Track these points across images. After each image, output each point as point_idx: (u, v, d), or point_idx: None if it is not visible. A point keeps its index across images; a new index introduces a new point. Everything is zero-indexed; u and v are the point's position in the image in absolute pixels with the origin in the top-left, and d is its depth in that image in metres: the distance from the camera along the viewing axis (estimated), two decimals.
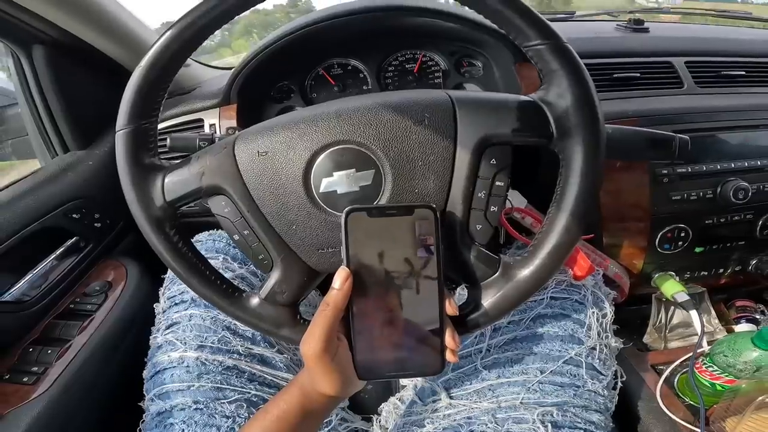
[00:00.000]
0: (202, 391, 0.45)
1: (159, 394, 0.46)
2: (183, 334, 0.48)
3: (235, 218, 0.36)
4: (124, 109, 0.34)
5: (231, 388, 0.45)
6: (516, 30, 0.32)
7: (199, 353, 0.46)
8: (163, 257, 0.36)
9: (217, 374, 0.46)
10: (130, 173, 0.35)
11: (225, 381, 0.46)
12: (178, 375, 0.46)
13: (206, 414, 0.44)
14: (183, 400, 0.44)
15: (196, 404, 0.44)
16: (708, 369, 0.53)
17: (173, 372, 0.46)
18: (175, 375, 0.46)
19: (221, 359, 0.47)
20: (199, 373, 0.45)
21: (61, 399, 0.49)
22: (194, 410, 0.44)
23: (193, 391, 0.45)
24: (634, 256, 0.64)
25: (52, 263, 0.62)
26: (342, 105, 0.36)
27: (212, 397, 0.45)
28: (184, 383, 0.45)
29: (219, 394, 0.45)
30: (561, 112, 0.33)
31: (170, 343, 0.48)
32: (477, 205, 0.35)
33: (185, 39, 0.32)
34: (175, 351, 0.47)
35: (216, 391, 0.45)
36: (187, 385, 0.45)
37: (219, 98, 0.66)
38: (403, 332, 0.33)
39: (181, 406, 0.44)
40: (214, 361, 0.46)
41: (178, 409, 0.44)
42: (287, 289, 0.37)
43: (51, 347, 0.53)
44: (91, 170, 0.70)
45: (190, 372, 0.45)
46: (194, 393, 0.45)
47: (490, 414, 0.44)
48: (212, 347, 0.47)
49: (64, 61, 0.67)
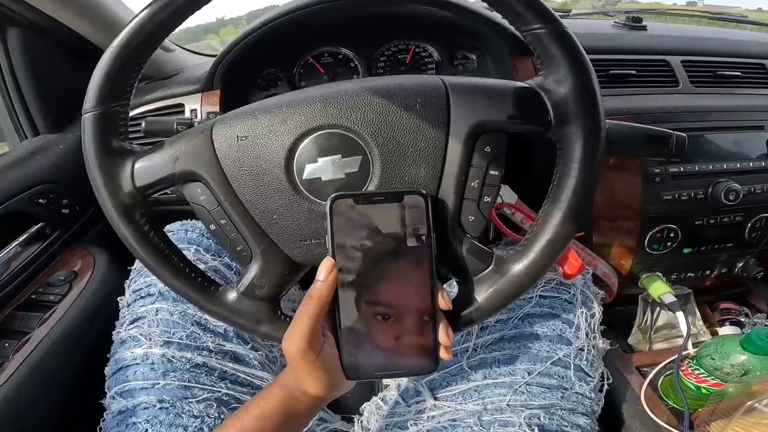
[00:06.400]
0: (168, 390, 0.42)
1: (121, 392, 0.43)
2: (148, 330, 0.45)
3: (211, 206, 0.34)
4: (92, 90, 0.32)
5: (200, 387, 0.43)
6: (514, 14, 0.31)
7: (165, 350, 0.44)
8: (131, 247, 0.34)
9: (184, 372, 0.43)
10: (96, 157, 0.32)
11: (193, 379, 0.43)
12: (141, 372, 0.43)
13: (172, 413, 0.41)
14: (147, 398, 0.42)
15: (161, 403, 0.41)
16: (694, 372, 0.53)
17: (137, 369, 0.43)
18: (138, 372, 0.43)
19: (189, 356, 0.44)
20: (164, 371, 0.43)
21: (17, 395, 0.46)
22: (159, 409, 0.41)
23: (158, 389, 0.42)
24: (623, 256, 0.64)
25: (14, 250, 0.59)
26: (328, 89, 0.34)
27: (179, 396, 0.42)
28: (149, 381, 0.42)
29: (186, 393, 0.42)
30: (560, 99, 0.32)
31: (134, 338, 0.45)
32: (470, 195, 0.33)
33: (160, 20, 0.31)
34: (139, 347, 0.44)
35: (183, 390, 0.43)
36: (152, 383, 0.42)
37: (201, 83, 0.64)
38: (393, 328, 0.31)
39: (144, 404, 0.42)
40: (182, 358, 0.44)
41: (141, 408, 0.42)
42: (267, 283, 0.35)
43: (8, 340, 0.50)
44: (61, 154, 0.67)
45: (155, 369, 0.43)
46: (159, 391, 0.42)
47: (476, 416, 0.43)
48: (180, 343, 0.45)
49: (38, 43, 0.65)
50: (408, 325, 0.31)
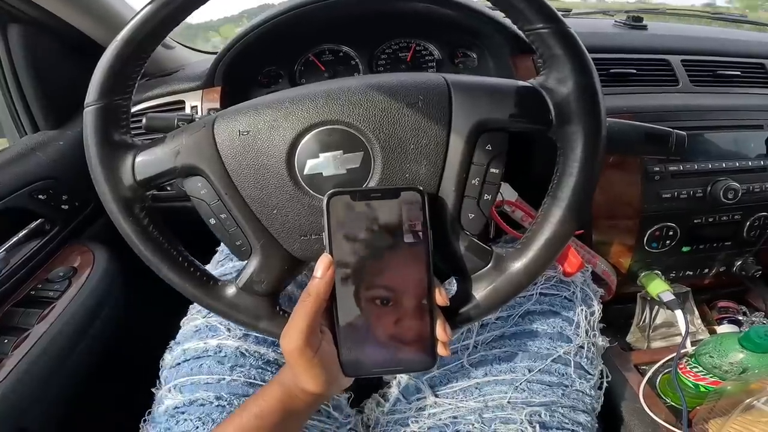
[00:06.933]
0: (231, 386, 0.41)
1: (181, 386, 0.41)
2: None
3: (211, 201, 0.34)
4: (94, 84, 0.32)
5: (264, 385, 0.42)
6: (517, 13, 0.31)
7: (241, 342, 0.42)
8: (131, 240, 0.34)
9: (253, 368, 0.42)
10: (97, 150, 0.32)
11: (259, 377, 0.42)
12: (208, 366, 0.42)
13: (226, 412, 0.39)
14: (205, 394, 0.40)
15: (219, 400, 0.40)
16: (692, 370, 0.53)
17: (203, 362, 0.42)
18: (204, 366, 0.42)
19: (263, 351, 0.43)
20: (233, 365, 0.42)
21: (16, 391, 0.46)
22: (215, 407, 0.40)
23: (222, 385, 0.41)
24: (622, 254, 0.64)
25: (13, 246, 0.58)
26: (331, 85, 0.34)
27: (240, 393, 0.41)
28: (214, 376, 0.41)
29: (249, 391, 0.41)
30: (561, 99, 0.32)
31: (212, 327, 0.43)
32: (470, 192, 0.33)
33: (163, 16, 0.31)
34: (214, 337, 0.43)
35: (246, 387, 0.41)
36: (217, 379, 0.41)
37: (202, 80, 0.64)
38: (390, 324, 0.31)
39: (201, 401, 0.40)
40: (255, 353, 0.42)
41: (197, 405, 0.40)
42: (266, 278, 0.35)
43: (7, 336, 0.50)
44: (61, 150, 0.67)
45: (224, 363, 0.42)
46: (221, 387, 0.41)
47: (477, 413, 0.43)
48: (257, 337, 0.43)
49: (39, 39, 0.65)
50: (405, 322, 0.31)
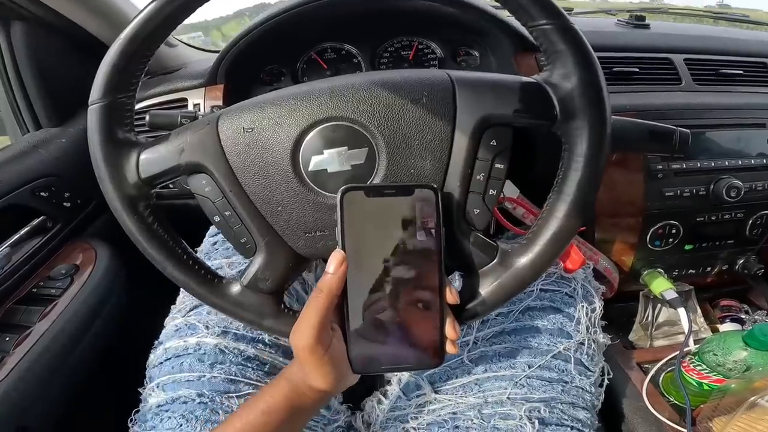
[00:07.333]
0: (212, 383, 0.41)
1: (164, 384, 0.42)
2: (207, 318, 0.44)
3: (216, 198, 0.34)
4: (99, 82, 0.32)
5: (245, 381, 0.42)
6: (521, 9, 0.31)
7: (220, 339, 0.43)
8: (135, 238, 0.34)
9: (233, 365, 0.42)
10: (101, 148, 0.33)
11: (240, 373, 0.42)
12: (189, 364, 0.42)
13: (209, 409, 0.40)
14: (188, 392, 0.41)
15: (201, 397, 0.40)
16: (696, 368, 0.53)
17: (184, 360, 0.42)
18: (185, 364, 0.42)
19: (242, 348, 0.43)
20: (213, 362, 0.42)
21: (18, 389, 0.45)
22: (197, 404, 0.40)
23: (202, 382, 0.41)
24: (624, 252, 0.64)
25: (15, 243, 0.58)
26: (335, 82, 0.34)
27: (221, 390, 0.41)
28: (195, 373, 0.41)
29: (230, 387, 0.41)
30: (566, 94, 0.32)
31: (191, 326, 0.44)
32: (475, 188, 0.33)
33: (167, 14, 0.31)
34: (193, 336, 0.43)
35: (227, 384, 0.41)
36: (198, 376, 0.41)
37: (205, 78, 0.64)
38: (401, 321, 0.31)
39: (184, 398, 0.40)
40: (235, 350, 0.43)
41: (180, 402, 0.40)
42: (271, 276, 0.35)
43: (9, 334, 0.50)
44: (63, 148, 0.67)
45: (203, 361, 0.42)
46: (202, 384, 0.41)
47: (476, 409, 0.43)
48: (237, 334, 0.43)
49: (42, 37, 0.65)
50: (416, 319, 0.31)
